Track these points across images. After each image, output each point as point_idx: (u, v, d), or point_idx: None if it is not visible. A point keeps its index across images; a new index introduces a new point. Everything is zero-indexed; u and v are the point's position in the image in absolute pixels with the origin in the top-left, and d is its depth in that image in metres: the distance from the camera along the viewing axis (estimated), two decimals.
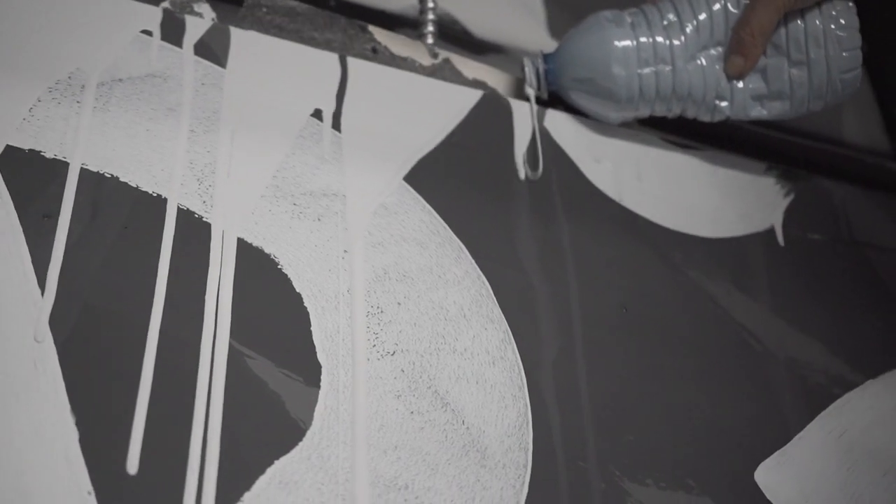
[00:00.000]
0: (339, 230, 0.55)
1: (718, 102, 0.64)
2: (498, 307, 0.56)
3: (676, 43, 0.63)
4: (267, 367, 0.49)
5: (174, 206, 0.51)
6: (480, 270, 0.57)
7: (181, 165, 0.53)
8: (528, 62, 0.66)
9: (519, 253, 0.59)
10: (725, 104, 0.64)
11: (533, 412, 0.53)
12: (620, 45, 0.63)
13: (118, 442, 0.44)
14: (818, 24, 0.62)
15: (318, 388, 0.49)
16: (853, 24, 0.62)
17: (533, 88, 0.66)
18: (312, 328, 0.51)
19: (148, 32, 0.57)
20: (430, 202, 0.58)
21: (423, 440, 0.50)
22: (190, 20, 0.58)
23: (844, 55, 0.63)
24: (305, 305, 0.51)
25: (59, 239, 0.48)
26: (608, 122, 0.67)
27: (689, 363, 0.60)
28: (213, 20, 0.59)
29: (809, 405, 0.62)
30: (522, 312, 0.57)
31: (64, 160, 0.50)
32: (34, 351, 0.44)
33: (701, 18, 0.63)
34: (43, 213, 0.48)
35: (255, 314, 0.50)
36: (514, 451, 0.52)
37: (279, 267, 0.52)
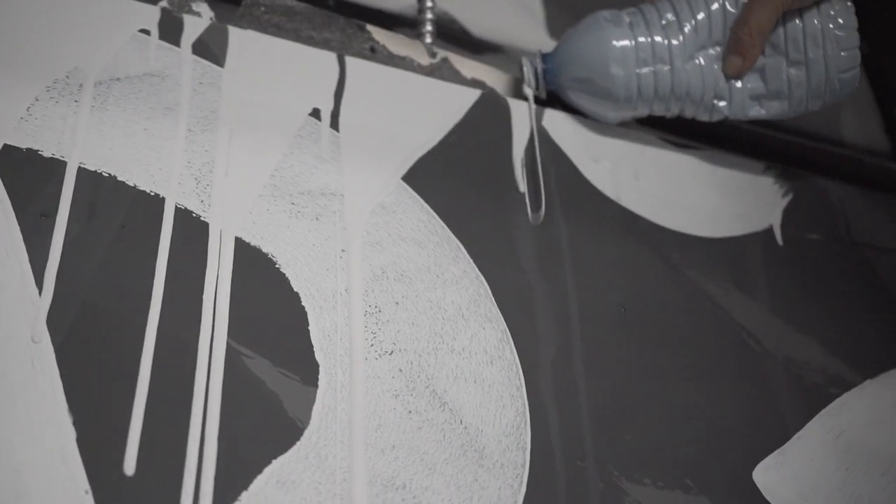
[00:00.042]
0: (337, 229, 0.55)
1: (717, 102, 0.64)
2: (496, 306, 0.56)
3: (675, 43, 0.63)
4: (264, 366, 0.48)
5: (172, 205, 0.51)
6: (478, 270, 0.57)
7: (179, 165, 0.53)
8: (526, 62, 0.66)
9: (517, 252, 0.59)
10: (724, 104, 0.64)
11: (531, 412, 0.53)
12: (619, 44, 0.63)
13: (116, 441, 0.44)
14: (816, 23, 0.62)
15: (315, 387, 0.49)
16: (851, 23, 0.62)
17: (531, 88, 0.66)
18: (310, 327, 0.51)
19: (146, 31, 0.56)
20: (428, 202, 0.58)
21: (420, 439, 0.50)
22: (188, 19, 0.58)
23: (843, 54, 0.63)
24: (303, 305, 0.51)
25: (56, 238, 0.48)
26: (606, 121, 0.67)
27: (687, 363, 0.60)
28: (211, 19, 0.59)
29: (808, 405, 0.62)
30: (520, 312, 0.57)
31: (62, 159, 0.50)
32: (31, 350, 0.44)
33: (699, 18, 0.63)
34: (41, 212, 0.48)
35: (252, 313, 0.50)
36: (511, 450, 0.52)
37: (277, 266, 0.52)
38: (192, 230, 0.51)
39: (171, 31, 0.57)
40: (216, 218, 0.52)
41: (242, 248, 0.52)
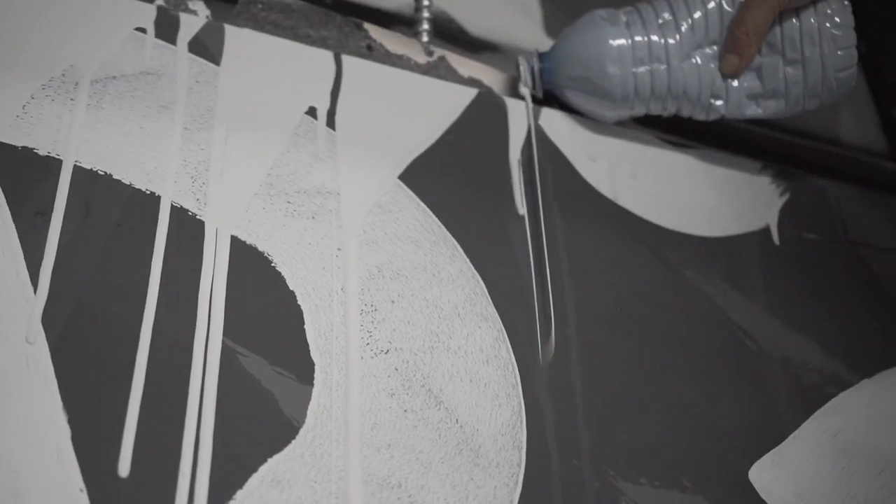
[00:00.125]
0: (333, 228, 0.55)
1: (713, 101, 0.64)
2: (492, 305, 0.56)
3: (671, 42, 0.63)
4: (260, 364, 0.48)
5: (168, 203, 0.51)
6: (475, 269, 0.57)
7: (175, 163, 0.53)
8: (523, 61, 0.66)
9: (513, 251, 0.59)
10: (720, 103, 0.64)
11: (527, 411, 0.53)
12: (615, 43, 0.63)
13: (111, 439, 0.44)
14: (813, 22, 0.62)
15: (311, 386, 0.49)
16: (848, 22, 0.62)
17: (528, 87, 0.66)
18: (306, 326, 0.51)
19: (142, 30, 0.56)
20: (424, 200, 0.58)
21: (416, 438, 0.50)
22: (184, 17, 0.58)
23: (840, 53, 0.63)
24: (299, 303, 0.51)
25: (51, 236, 0.48)
26: (603, 120, 0.67)
27: (684, 362, 0.60)
28: (207, 17, 0.59)
29: (804, 404, 0.62)
30: (516, 311, 0.57)
31: (57, 157, 0.50)
32: (26, 349, 0.44)
33: (696, 17, 0.63)
34: (36, 210, 0.48)
35: (248, 312, 0.50)
36: (507, 449, 0.52)
37: (273, 265, 0.52)
38: (187, 229, 0.51)
39: (167, 29, 0.57)
40: (212, 216, 0.52)
41: (238, 246, 0.52)
